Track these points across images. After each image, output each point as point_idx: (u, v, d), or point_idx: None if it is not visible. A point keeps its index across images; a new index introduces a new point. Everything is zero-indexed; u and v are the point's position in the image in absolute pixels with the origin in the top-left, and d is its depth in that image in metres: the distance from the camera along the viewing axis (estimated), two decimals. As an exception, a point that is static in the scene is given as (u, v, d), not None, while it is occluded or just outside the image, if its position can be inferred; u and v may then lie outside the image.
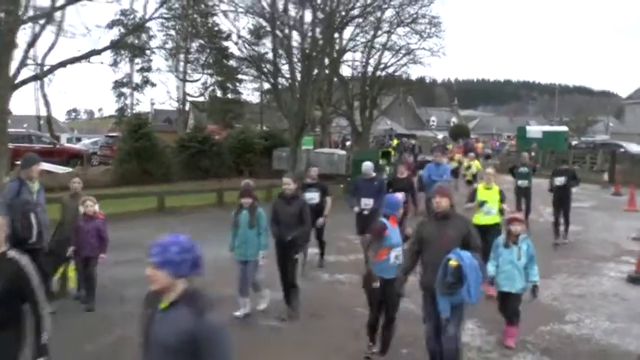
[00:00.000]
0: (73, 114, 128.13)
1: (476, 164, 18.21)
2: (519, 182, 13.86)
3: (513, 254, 6.38)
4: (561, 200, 12.49)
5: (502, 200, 8.85)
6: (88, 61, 20.47)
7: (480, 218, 8.58)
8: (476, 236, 5.38)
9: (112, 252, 8.21)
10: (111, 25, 40.15)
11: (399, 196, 6.82)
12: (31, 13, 20.21)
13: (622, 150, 31.99)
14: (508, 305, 6.43)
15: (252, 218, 7.10)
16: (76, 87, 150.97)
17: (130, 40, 31.47)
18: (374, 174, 10.23)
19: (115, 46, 28.17)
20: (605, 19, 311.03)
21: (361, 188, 10.03)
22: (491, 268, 6.40)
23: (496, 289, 6.59)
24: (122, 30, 38.51)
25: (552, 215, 12.82)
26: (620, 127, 65.63)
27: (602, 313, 7.62)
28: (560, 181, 12.42)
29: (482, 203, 8.74)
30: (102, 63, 26.44)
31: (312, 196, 9.56)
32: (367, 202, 9.76)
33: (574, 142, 45.10)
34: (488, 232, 7.86)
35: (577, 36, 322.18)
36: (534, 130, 43.86)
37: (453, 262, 4.97)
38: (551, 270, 9.96)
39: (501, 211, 8.63)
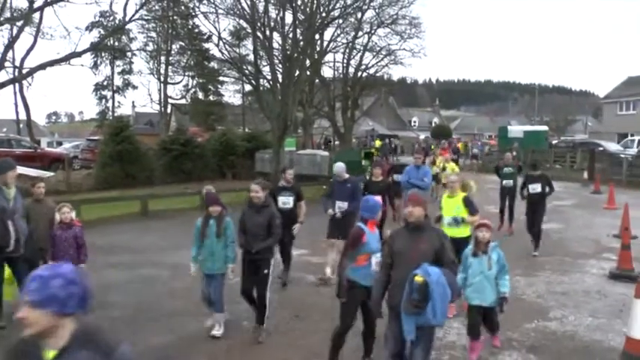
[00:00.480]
0: (54, 117, 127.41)
1: (451, 166, 16.82)
2: (504, 182, 13.54)
3: (483, 264, 5.95)
4: (535, 209, 11.37)
5: (471, 212, 7.74)
6: (68, 64, 20.41)
7: (446, 229, 7.26)
8: (450, 250, 4.91)
9: (95, 257, 8.12)
10: (90, 27, 40.00)
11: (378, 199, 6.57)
12: (7, 14, 19.99)
13: (601, 149, 32.42)
14: (486, 321, 6.15)
15: (219, 228, 6.68)
16: (56, 90, 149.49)
17: (110, 42, 31.31)
18: (347, 175, 9.54)
19: (95, 48, 28.07)
20: (584, 20, 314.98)
21: (335, 190, 9.46)
22: (459, 280, 5.78)
23: (466, 302, 6.17)
24: (102, 32, 38.34)
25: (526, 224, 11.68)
26: (598, 126, 66.48)
27: (586, 310, 7.70)
28: (534, 188, 11.42)
29: (439, 217, 7.95)
30: (82, 65, 26.46)
31: (286, 201, 9.06)
32: (341, 205, 9.23)
33: (554, 142, 45.63)
34: (458, 245, 6.72)
35: (556, 36, 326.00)
36: (515, 129, 44.34)
37: (418, 278, 4.52)
38: (535, 267, 10.08)
39: (463, 221, 7.70)
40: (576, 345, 6.46)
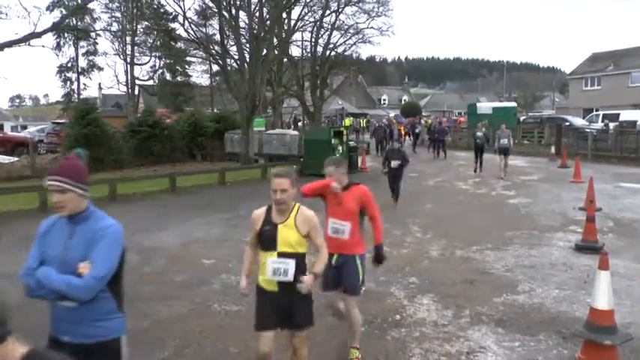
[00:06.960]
0: (17, 101, 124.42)
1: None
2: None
3: None
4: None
5: None
6: (28, 45, 19.86)
7: None
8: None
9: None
10: (51, 6, 38.91)
11: None
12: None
13: (567, 124, 32.94)
14: None
15: None
16: (19, 73, 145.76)
17: (72, 22, 30.55)
18: None
19: (56, 28, 27.39)
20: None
21: None
22: None
23: None
24: (64, 12, 37.36)
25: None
26: (564, 101, 67.55)
27: (552, 282, 7.84)
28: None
29: None
30: (43, 47, 25.82)
31: None
32: None
33: (522, 118, 46.19)
34: None
35: (524, 14, 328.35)
36: (484, 106, 44.78)
37: None
38: (505, 242, 10.23)
39: None
40: (543, 317, 6.58)
